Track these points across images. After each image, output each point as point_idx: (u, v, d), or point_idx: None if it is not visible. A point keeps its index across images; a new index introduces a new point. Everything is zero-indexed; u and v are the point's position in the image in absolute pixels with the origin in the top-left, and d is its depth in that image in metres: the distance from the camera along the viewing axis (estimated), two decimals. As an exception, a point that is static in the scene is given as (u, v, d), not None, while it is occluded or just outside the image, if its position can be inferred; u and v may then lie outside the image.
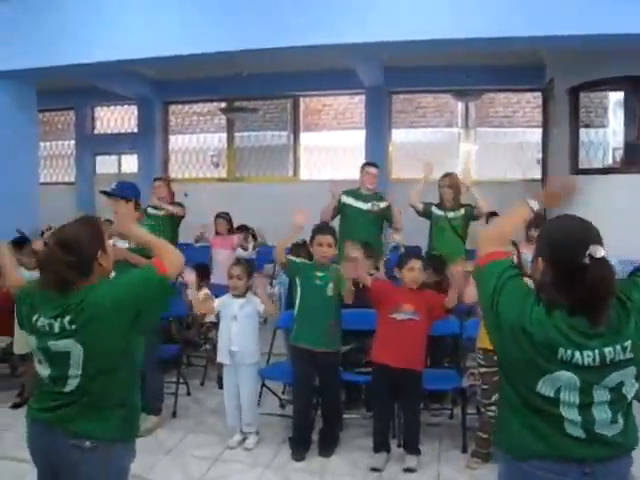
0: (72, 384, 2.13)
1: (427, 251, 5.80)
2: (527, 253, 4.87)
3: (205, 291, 5.65)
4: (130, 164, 10.60)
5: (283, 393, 4.96)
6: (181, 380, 4.96)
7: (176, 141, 10.59)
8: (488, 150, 9.73)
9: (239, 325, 4.07)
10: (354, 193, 5.96)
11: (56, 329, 2.09)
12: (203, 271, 5.81)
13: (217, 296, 5.82)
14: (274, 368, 4.47)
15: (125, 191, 4.36)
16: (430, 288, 4.17)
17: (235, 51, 5.98)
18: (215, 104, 10.36)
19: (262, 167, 10.21)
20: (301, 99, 9.97)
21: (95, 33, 6.21)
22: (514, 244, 4.01)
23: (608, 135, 8.05)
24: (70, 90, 9.74)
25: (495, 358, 3.73)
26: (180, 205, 6.51)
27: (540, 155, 9.35)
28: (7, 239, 6.23)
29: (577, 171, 7.27)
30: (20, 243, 5.48)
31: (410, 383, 3.87)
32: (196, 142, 10.53)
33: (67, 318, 2.08)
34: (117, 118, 10.87)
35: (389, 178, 9.14)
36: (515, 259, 3.82)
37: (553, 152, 8.49)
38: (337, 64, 8.45)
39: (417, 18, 5.36)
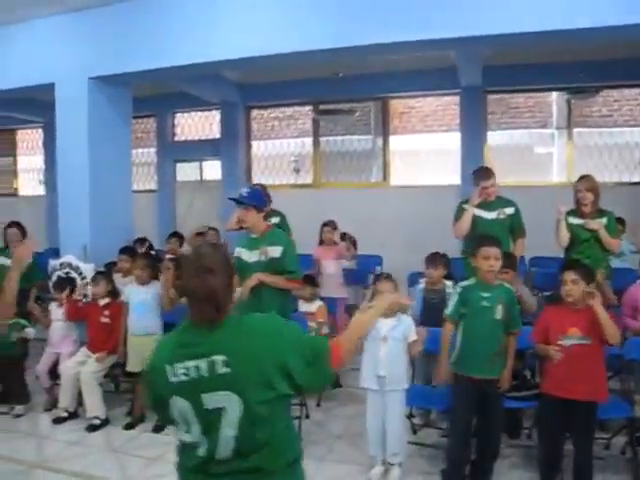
0: (226, 448, 1.81)
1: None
2: None
3: (320, 303, 5.31)
4: (211, 170, 10.39)
5: (412, 416, 4.54)
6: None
7: (258, 147, 10.29)
8: (587, 152, 9.12)
9: (389, 348, 3.65)
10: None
11: (204, 372, 1.77)
12: (313, 281, 5.46)
13: (329, 311, 5.51)
14: (417, 392, 4.04)
15: (257, 199, 4.02)
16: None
17: (332, 49, 5.64)
18: (296, 108, 10.06)
19: (348, 172, 9.82)
20: (390, 101, 9.52)
21: (192, 34, 6.03)
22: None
23: None
24: (152, 97, 9.57)
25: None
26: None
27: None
28: (105, 247, 6.23)
29: None
30: (133, 253, 5.26)
31: (582, 416, 3.40)
32: (279, 147, 10.20)
33: (220, 357, 1.76)
34: (198, 124, 10.65)
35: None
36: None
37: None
38: (434, 63, 8.03)
39: (525, 9, 4.92)
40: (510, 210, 5.23)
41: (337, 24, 5.50)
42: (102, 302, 4.97)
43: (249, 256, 4.08)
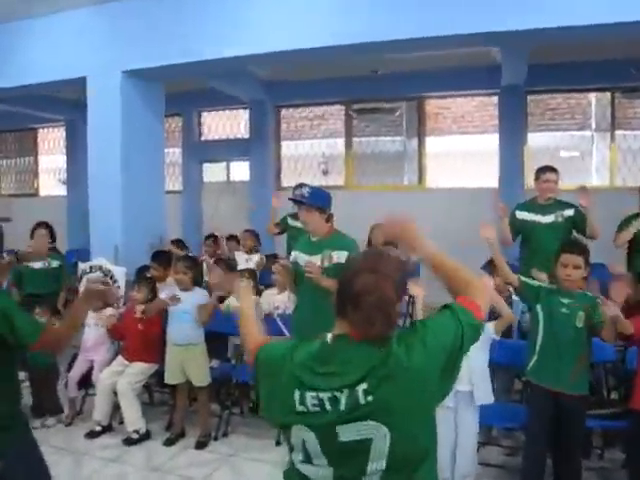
0: None
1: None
2: None
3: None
4: (239, 171, 10.09)
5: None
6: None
7: (287, 147, 10.00)
8: (631, 155, 8.77)
9: (470, 359, 3.31)
10: (528, 205, 5.05)
11: (343, 406, 1.46)
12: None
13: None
14: (493, 409, 3.70)
15: (320, 200, 3.71)
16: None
17: (367, 43, 5.37)
18: (326, 108, 9.76)
19: (380, 174, 9.50)
20: (426, 101, 9.20)
21: (225, 28, 5.80)
22: None
23: None
24: (177, 94, 9.24)
25: None
26: None
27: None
28: (137, 248, 5.96)
29: None
30: (165, 259, 4.99)
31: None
32: (309, 148, 9.90)
33: (362, 386, 1.45)
34: (225, 123, 10.36)
35: (525, 187, 8.23)
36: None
37: None
38: (472, 62, 7.70)
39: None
40: (569, 212, 4.86)
41: (373, 18, 5.24)
42: (139, 309, 4.67)
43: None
